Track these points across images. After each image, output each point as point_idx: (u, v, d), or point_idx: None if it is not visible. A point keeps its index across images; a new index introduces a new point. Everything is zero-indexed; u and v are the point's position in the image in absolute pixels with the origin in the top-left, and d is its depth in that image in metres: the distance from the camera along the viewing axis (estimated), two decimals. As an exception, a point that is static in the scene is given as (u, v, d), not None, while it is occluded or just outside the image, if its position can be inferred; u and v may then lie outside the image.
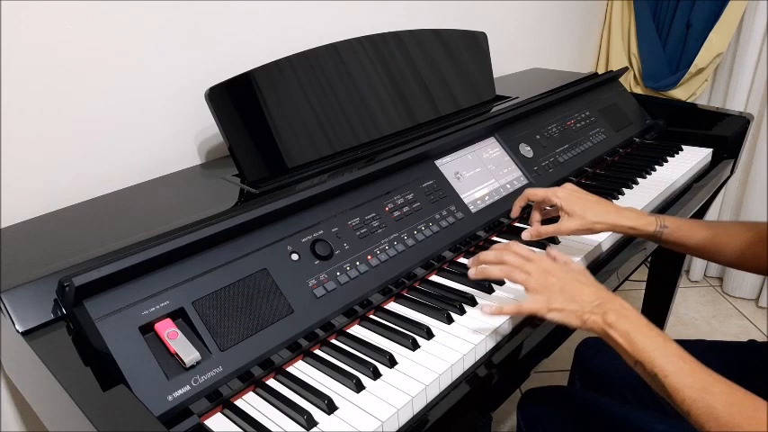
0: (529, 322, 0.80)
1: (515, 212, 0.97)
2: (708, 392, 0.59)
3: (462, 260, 0.95)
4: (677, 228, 0.89)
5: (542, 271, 0.74)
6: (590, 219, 0.88)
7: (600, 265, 0.96)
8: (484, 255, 0.79)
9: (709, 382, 0.60)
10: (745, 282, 2.11)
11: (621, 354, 0.67)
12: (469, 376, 0.72)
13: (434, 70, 1.19)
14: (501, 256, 0.76)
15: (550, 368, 1.74)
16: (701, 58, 1.85)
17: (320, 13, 1.19)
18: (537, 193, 0.92)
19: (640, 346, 0.64)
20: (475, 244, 0.99)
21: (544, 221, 0.95)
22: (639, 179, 1.23)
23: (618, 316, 0.67)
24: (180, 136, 1.05)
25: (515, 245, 0.78)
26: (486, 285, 0.85)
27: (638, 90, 2.03)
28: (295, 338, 0.72)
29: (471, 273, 0.78)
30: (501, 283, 0.87)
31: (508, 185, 1.08)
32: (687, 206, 1.20)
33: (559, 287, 0.72)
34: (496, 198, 1.05)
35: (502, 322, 0.77)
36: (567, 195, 0.90)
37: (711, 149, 1.38)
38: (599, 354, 1.03)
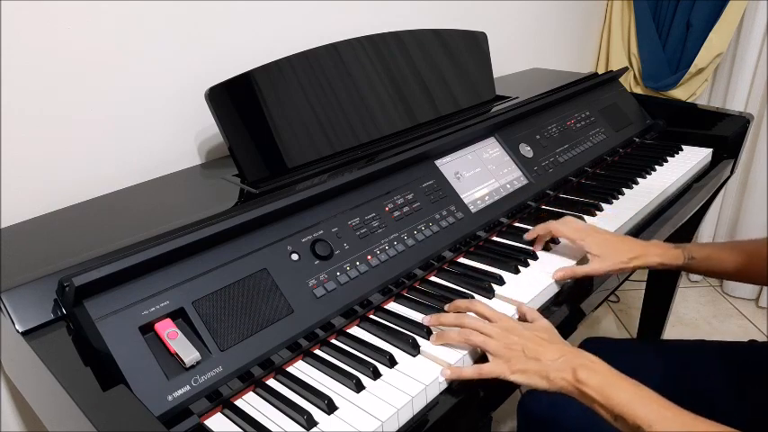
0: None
1: (530, 236, 0.96)
2: None
3: (462, 260, 0.95)
4: (705, 258, 0.90)
5: (503, 331, 0.71)
6: (621, 259, 0.89)
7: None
8: (444, 317, 0.76)
9: (696, 426, 0.58)
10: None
11: (598, 410, 0.64)
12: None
13: (434, 70, 1.19)
14: (460, 320, 0.74)
15: (550, 368, 1.74)
16: (701, 58, 1.85)
17: (320, 13, 1.19)
18: (562, 232, 0.92)
19: (617, 399, 0.62)
20: (475, 244, 0.99)
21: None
22: (639, 179, 1.23)
23: (588, 371, 0.65)
24: (180, 136, 1.05)
25: (477, 304, 0.76)
26: (486, 286, 0.85)
27: (638, 90, 2.03)
28: (295, 338, 0.72)
29: (431, 340, 0.75)
30: (501, 282, 0.87)
31: (508, 185, 1.08)
32: (687, 206, 1.20)
33: (521, 347, 0.69)
34: (496, 198, 1.05)
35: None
36: (595, 239, 0.90)
37: (711, 149, 1.38)
38: (599, 353, 1.03)
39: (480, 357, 0.74)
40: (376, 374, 0.69)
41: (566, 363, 0.66)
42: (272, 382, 0.70)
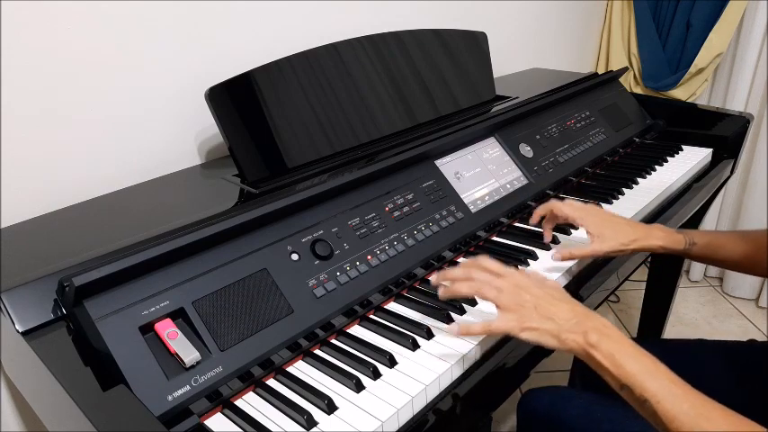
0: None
1: (535, 220, 0.96)
2: (705, 418, 0.55)
3: (463, 260, 0.95)
4: (707, 244, 0.89)
5: (514, 287, 0.69)
6: (622, 240, 0.87)
7: (600, 265, 0.96)
8: (451, 271, 0.73)
9: (706, 407, 0.56)
10: (745, 282, 2.11)
11: (605, 376, 0.63)
12: (469, 376, 0.72)
13: (434, 70, 1.19)
14: (469, 273, 0.72)
15: (550, 368, 1.74)
16: (701, 58, 1.85)
17: (320, 13, 1.19)
18: (563, 211, 0.91)
19: (628, 368, 0.60)
20: (475, 244, 0.99)
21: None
22: (639, 179, 1.23)
23: (600, 336, 0.63)
24: (180, 136, 1.05)
25: (485, 259, 0.74)
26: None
27: (638, 90, 2.03)
28: (295, 338, 0.72)
29: (440, 292, 0.73)
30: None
31: (508, 185, 1.08)
32: (687, 206, 1.20)
33: (533, 304, 0.67)
34: (496, 198, 1.05)
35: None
36: (595, 219, 0.89)
37: (711, 149, 1.38)
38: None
39: (482, 357, 0.74)
40: (376, 374, 0.69)
41: (578, 325, 0.65)
42: (272, 382, 0.70)
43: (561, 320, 0.65)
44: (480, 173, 1.06)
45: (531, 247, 0.96)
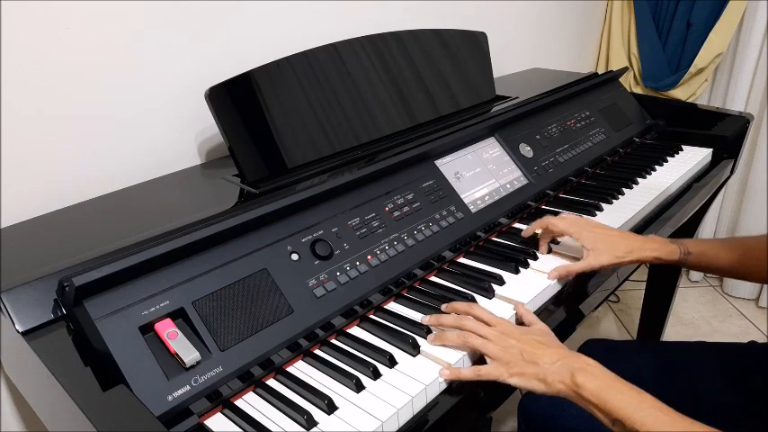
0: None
1: (528, 233, 0.97)
2: None
3: (462, 260, 0.95)
4: (701, 253, 0.90)
5: (501, 335, 0.71)
6: (617, 253, 0.88)
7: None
8: (444, 318, 0.77)
9: (693, 429, 0.58)
10: (744, 282, 2.11)
11: (596, 413, 0.64)
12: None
13: (434, 70, 1.19)
14: (460, 322, 0.74)
15: (550, 368, 1.74)
16: (701, 58, 1.85)
17: (320, 13, 1.19)
18: (558, 226, 0.92)
19: (615, 403, 0.62)
20: (475, 244, 0.99)
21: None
22: (639, 179, 1.23)
23: (586, 375, 0.64)
24: (180, 136, 1.05)
25: (476, 307, 0.77)
26: (486, 286, 0.85)
27: (638, 90, 2.03)
28: (295, 338, 0.72)
29: (429, 340, 0.75)
30: (501, 283, 0.87)
31: (508, 185, 1.08)
32: (687, 206, 1.20)
33: (519, 350, 0.69)
34: (496, 198, 1.05)
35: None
36: (589, 233, 0.90)
37: (711, 149, 1.38)
38: (600, 355, 1.03)
39: (479, 359, 0.74)
40: (376, 374, 0.69)
41: (563, 366, 0.66)
42: (272, 382, 0.70)
43: (546, 364, 0.67)
44: (480, 173, 1.06)
45: (531, 248, 0.96)
